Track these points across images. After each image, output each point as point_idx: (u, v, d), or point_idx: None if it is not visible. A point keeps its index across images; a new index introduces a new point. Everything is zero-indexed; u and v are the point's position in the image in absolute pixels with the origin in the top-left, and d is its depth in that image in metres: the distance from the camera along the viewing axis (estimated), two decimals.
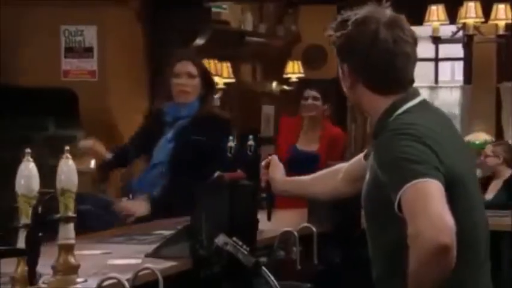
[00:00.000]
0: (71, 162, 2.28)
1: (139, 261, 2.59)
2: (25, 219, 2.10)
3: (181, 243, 2.68)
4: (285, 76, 9.34)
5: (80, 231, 2.42)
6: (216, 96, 7.28)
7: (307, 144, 5.70)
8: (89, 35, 5.97)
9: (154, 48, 6.33)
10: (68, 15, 5.98)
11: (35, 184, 2.11)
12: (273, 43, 9.12)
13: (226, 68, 7.50)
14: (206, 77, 4.24)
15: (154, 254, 2.69)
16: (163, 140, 4.13)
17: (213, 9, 7.34)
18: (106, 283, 2.11)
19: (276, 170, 2.87)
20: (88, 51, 5.98)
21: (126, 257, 2.66)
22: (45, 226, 2.28)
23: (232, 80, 7.69)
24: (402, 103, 2.29)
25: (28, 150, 2.14)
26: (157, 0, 6.36)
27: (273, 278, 2.62)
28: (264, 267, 2.62)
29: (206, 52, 6.70)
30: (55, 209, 2.28)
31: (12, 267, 2.12)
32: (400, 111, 2.28)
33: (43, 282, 2.22)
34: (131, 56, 6.20)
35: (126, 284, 2.07)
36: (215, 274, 2.63)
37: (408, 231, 2.07)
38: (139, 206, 3.94)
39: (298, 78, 9.23)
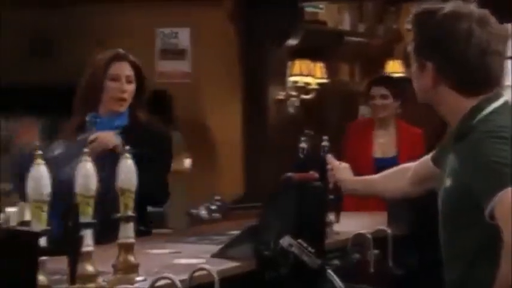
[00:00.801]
0: (130, 162, 2.32)
1: (204, 261, 2.60)
2: (83, 217, 2.14)
3: (246, 244, 2.68)
4: None
5: None
6: (308, 96, 7.27)
7: (384, 150, 5.00)
8: (183, 37, 6.06)
9: (247, 49, 6.37)
10: (163, 18, 6.08)
11: (93, 183, 2.14)
12: (373, 42, 9.03)
13: (319, 68, 7.47)
14: (142, 82, 3.61)
15: (220, 255, 2.69)
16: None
17: (309, 9, 7.33)
18: (160, 283, 2.13)
19: (342, 171, 2.85)
20: (182, 53, 6.07)
21: (194, 256, 2.68)
22: (106, 225, 2.34)
23: (326, 81, 7.66)
24: (488, 103, 2.20)
25: (86, 149, 2.17)
26: (250, 1, 6.40)
27: (339, 280, 2.60)
28: (329, 270, 2.61)
29: (298, 52, 6.70)
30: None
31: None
32: (486, 112, 2.19)
33: (103, 281, 2.26)
34: (224, 57, 6.26)
35: (179, 284, 2.08)
36: (279, 276, 2.63)
37: (504, 239, 2.00)
38: (111, 137, 3.39)
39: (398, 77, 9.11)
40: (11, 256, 1.58)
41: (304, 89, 7.19)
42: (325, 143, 3.07)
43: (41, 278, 1.96)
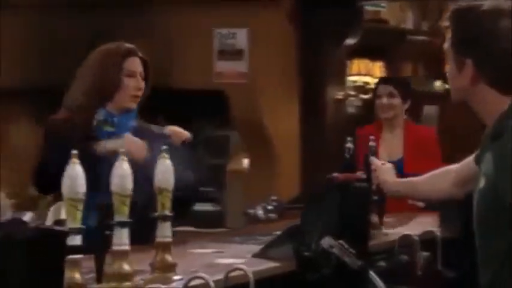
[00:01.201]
0: (167, 161, 2.33)
1: (244, 261, 2.60)
2: (119, 217, 2.16)
3: (287, 245, 2.68)
4: None
5: None
6: (367, 96, 7.21)
7: (390, 154, 4.62)
8: (241, 37, 6.07)
9: (305, 49, 6.35)
10: (220, 19, 6.10)
11: (129, 183, 2.16)
12: (436, 41, 8.91)
13: (378, 67, 7.42)
14: (148, 79, 3.43)
15: (261, 255, 2.69)
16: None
17: (370, 8, 7.28)
18: (196, 282, 2.14)
19: (385, 172, 2.82)
20: (239, 53, 6.08)
21: (236, 256, 2.69)
22: (145, 224, 2.36)
23: None
24: None
25: (122, 149, 2.19)
26: (308, 1, 6.38)
27: (380, 282, 2.57)
28: (371, 271, 2.58)
29: (357, 52, 6.66)
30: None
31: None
32: None
33: (141, 279, 2.28)
34: (282, 58, 6.25)
35: (212, 283, 2.09)
36: (320, 277, 2.61)
37: None
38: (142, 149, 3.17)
39: None
40: (38, 254, 1.60)
41: (363, 88, 7.15)
42: (349, 145, 3.05)
43: (76, 276, 1.99)
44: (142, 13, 6.27)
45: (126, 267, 2.16)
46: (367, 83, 7.19)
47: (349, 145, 3.13)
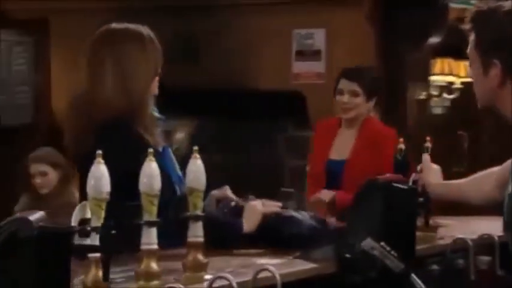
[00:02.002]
0: (199, 162, 2.34)
1: (283, 261, 2.60)
2: (147, 216, 2.18)
3: (329, 246, 2.65)
4: None
5: None
6: (451, 96, 7.07)
7: (340, 152, 4.28)
8: (319, 37, 6.05)
9: (386, 49, 6.28)
10: (299, 19, 6.10)
11: (157, 183, 2.18)
12: None
13: (464, 67, 7.25)
14: None
15: (303, 256, 2.67)
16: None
17: (456, 6, 7.13)
18: (222, 283, 2.14)
19: (430, 174, 2.76)
20: (317, 54, 6.06)
21: (278, 257, 2.67)
22: (177, 225, 2.38)
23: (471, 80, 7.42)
24: None
25: (150, 150, 2.21)
26: (389, 0, 6.30)
27: (422, 285, 2.53)
28: (413, 274, 2.53)
29: (441, 51, 6.54)
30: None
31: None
32: None
33: (174, 278, 2.30)
34: (360, 58, 6.19)
35: (235, 284, 2.08)
36: (361, 279, 2.58)
37: None
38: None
39: None
40: (44, 254, 1.62)
41: (446, 88, 7.01)
42: (401, 146, 2.99)
43: (99, 275, 2.01)
44: (221, 14, 6.32)
45: (154, 266, 2.18)
46: (451, 83, 7.05)
47: (401, 146, 3.09)
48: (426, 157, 2.88)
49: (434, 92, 6.88)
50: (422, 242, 3.10)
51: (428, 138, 3.17)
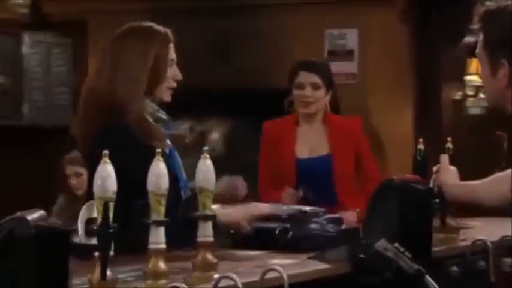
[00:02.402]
0: (208, 161, 2.34)
1: (295, 262, 2.59)
2: (155, 215, 2.19)
3: (343, 247, 2.64)
4: None
5: None
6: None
7: (311, 149, 4.10)
8: (351, 37, 6.03)
9: (420, 49, 6.24)
10: (331, 19, 6.09)
11: (164, 182, 2.19)
12: None
13: None
14: None
15: (316, 257, 2.66)
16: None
17: (492, 4, 7.06)
18: (228, 283, 2.14)
19: (446, 174, 2.73)
20: (349, 54, 6.04)
21: (290, 257, 2.67)
22: (189, 225, 2.38)
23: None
24: None
25: (158, 150, 2.22)
26: (423, 0, 6.27)
27: (437, 286, 2.50)
28: (427, 276, 2.51)
29: (475, 50, 6.45)
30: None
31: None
32: None
33: (182, 278, 2.31)
34: (393, 58, 6.16)
35: (240, 284, 2.08)
36: (375, 280, 2.56)
37: None
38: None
39: None
40: (42, 253, 1.64)
41: (482, 88, 6.92)
42: (420, 146, 2.97)
43: (108, 273, 2.03)
44: (253, 15, 6.33)
45: (162, 265, 2.19)
46: None
47: (421, 146, 3.07)
48: (444, 157, 2.86)
49: (470, 92, 6.81)
50: (443, 243, 3.08)
51: (449, 139, 3.14)
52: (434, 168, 2.82)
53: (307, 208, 2.95)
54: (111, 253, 1.96)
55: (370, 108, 6.09)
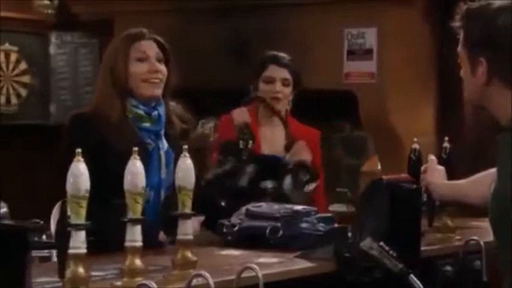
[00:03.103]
0: (188, 160, 2.36)
1: (281, 260, 2.60)
2: (131, 214, 2.21)
3: (330, 245, 2.64)
4: None
5: None
6: None
7: (274, 148, 3.78)
8: (370, 37, 6.00)
9: (441, 49, 6.18)
10: (350, 18, 6.06)
11: (140, 181, 2.21)
12: None
13: None
14: (169, 62, 3.13)
15: (303, 255, 2.67)
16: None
17: None
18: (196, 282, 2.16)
19: (434, 174, 2.72)
20: (368, 53, 6.01)
21: (278, 256, 2.67)
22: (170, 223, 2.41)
23: None
24: None
25: (135, 149, 2.24)
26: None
27: (421, 285, 2.49)
28: (412, 275, 2.50)
29: None
30: None
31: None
32: None
33: (163, 276, 2.33)
34: (413, 57, 6.11)
35: (211, 283, 2.09)
36: (360, 279, 2.56)
37: None
38: None
39: None
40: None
41: None
42: (415, 146, 2.96)
43: (80, 270, 2.05)
44: (274, 15, 6.33)
45: (138, 263, 2.21)
46: None
47: (416, 146, 3.06)
48: (432, 157, 2.85)
49: None
50: (439, 242, 3.07)
51: (446, 138, 3.13)
52: (422, 168, 2.81)
53: (299, 207, 2.95)
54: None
55: (390, 108, 6.05)
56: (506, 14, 2.08)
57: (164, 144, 2.99)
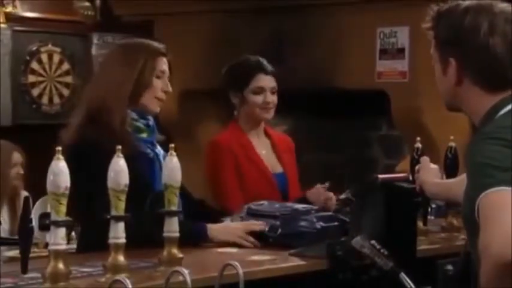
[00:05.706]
0: (175, 159, 2.39)
1: (274, 258, 2.61)
2: (114, 211, 2.25)
3: (323, 243, 2.65)
4: None
5: None
6: None
7: (273, 167, 3.69)
8: (402, 36, 5.96)
9: None
10: (383, 17, 6.02)
11: (123, 178, 2.25)
12: None
13: None
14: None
15: (297, 253, 2.68)
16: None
17: None
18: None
19: (427, 173, 2.71)
20: (400, 52, 5.97)
21: (273, 254, 2.69)
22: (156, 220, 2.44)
23: None
24: (506, 103, 2.08)
25: (119, 147, 2.27)
26: None
27: (412, 284, 2.48)
28: (402, 273, 2.49)
29: None
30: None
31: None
32: (503, 111, 2.07)
33: (148, 272, 2.36)
34: None
35: (189, 280, 2.11)
36: (351, 277, 2.57)
37: (479, 242, 1.88)
38: None
39: None
40: None
41: None
42: (417, 145, 2.94)
43: (60, 266, 2.10)
44: (306, 14, 6.33)
45: (122, 259, 2.25)
46: None
47: (418, 145, 3.05)
48: (425, 157, 2.85)
49: None
50: (445, 242, 3.05)
51: (452, 137, 3.11)
52: (416, 168, 2.81)
53: (299, 206, 2.96)
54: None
55: (422, 107, 5.99)
56: (473, 14, 2.10)
57: (160, 150, 3.04)
